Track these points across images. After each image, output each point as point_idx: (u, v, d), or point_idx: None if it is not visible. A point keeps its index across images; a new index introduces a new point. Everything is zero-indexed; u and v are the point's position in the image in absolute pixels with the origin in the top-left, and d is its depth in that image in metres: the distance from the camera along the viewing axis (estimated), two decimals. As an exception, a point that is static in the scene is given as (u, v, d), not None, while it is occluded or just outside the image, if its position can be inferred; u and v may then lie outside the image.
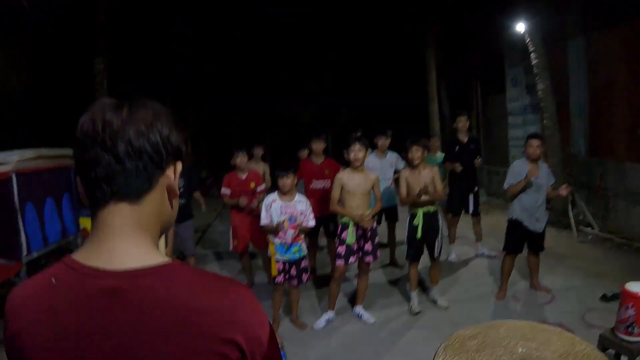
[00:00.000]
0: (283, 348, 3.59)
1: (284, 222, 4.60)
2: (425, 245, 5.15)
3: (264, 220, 4.67)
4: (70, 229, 5.69)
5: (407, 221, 5.16)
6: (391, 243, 6.78)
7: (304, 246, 4.79)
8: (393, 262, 6.70)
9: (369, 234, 4.88)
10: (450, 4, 11.23)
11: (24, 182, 4.81)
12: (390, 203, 6.42)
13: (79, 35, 8.23)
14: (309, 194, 5.89)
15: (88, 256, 0.90)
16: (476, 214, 6.85)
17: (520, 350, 2.06)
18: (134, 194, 0.91)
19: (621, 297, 3.24)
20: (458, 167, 6.55)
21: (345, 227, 4.84)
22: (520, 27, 8.30)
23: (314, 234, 6.16)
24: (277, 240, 4.67)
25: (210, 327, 0.85)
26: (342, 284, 5.84)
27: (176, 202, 1.04)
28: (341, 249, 4.84)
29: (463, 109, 7.13)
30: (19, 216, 4.70)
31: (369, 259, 4.92)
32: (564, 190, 5.08)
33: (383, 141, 6.39)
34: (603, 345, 3.39)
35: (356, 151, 4.74)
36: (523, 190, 5.07)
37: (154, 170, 0.92)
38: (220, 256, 7.52)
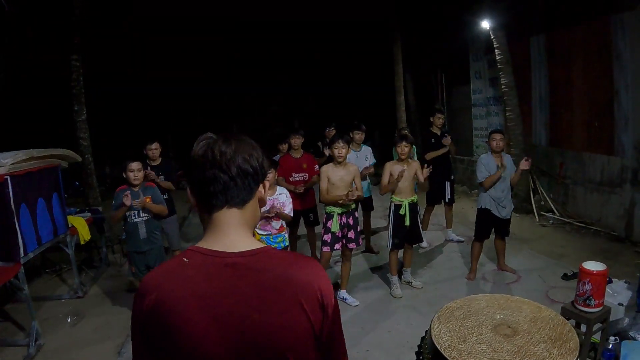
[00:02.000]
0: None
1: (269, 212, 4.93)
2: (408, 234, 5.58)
3: None
4: (61, 227, 5.77)
5: (391, 212, 5.56)
6: (367, 231, 7.22)
7: (286, 236, 5.14)
8: (369, 249, 7.14)
9: (352, 222, 5.29)
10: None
11: (18, 183, 4.83)
12: (367, 194, 6.83)
13: (55, 32, 8.27)
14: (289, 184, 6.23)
15: (211, 244, 1.29)
16: (451, 202, 7.39)
17: (498, 316, 2.50)
18: (241, 202, 1.31)
19: (579, 275, 3.72)
20: (448, 141, 7.07)
21: (330, 216, 5.24)
22: (485, 24, 8.80)
23: (294, 223, 6.53)
24: (262, 232, 5.00)
25: (305, 285, 1.26)
26: (328, 269, 6.31)
27: (262, 207, 1.43)
28: (327, 237, 5.25)
29: (438, 105, 7.65)
30: (15, 218, 4.73)
31: (352, 245, 5.36)
32: (524, 164, 5.50)
33: (360, 135, 6.78)
34: (565, 316, 3.90)
35: (340, 148, 5.15)
36: (496, 181, 5.55)
37: (254, 186, 1.33)
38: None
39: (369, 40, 14.85)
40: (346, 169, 5.26)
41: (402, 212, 5.46)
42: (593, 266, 3.68)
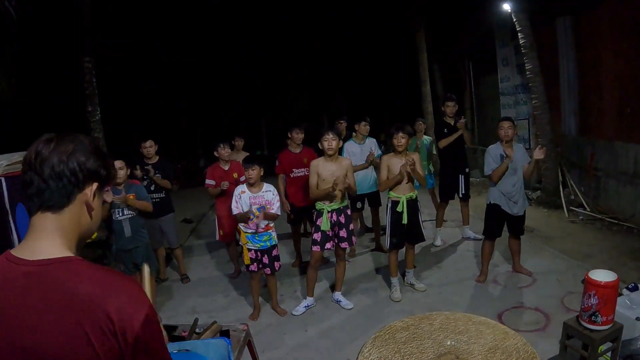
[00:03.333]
0: (250, 337, 3.57)
1: (253, 211, 4.57)
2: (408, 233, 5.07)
3: (234, 210, 4.67)
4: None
5: (389, 209, 5.07)
6: (376, 228, 6.70)
7: (274, 235, 4.78)
8: (379, 248, 6.64)
9: (344, 220, 4.85)
10: None
11: (14, 184, 4.79)
12: (372, 188, 6.36)
13: (66, 36, 8.21)
14: (290, 182, 5.88)
15: (19, 250, 1.20)
16: (466, 197, 6.74)
17: (448, 343, 2.00)
18: (56, 207, 1.21)
19: (584, 286, 3.13)
20: (462, 123, 6.45)
21: (320, 214, 4.82)
22: (507, 7, 8.07)
23: (297, 221, 6.14)
24: (248, 230, 4.65)
25: (90, 305, 1.09)
26: (327, 269, 5.84)
27: (96, 214, 1.30)
28: (317, 236, 4.83)
29: (452, 93, 6.93)
30: (11, 218, 4.69)
31: (344, 245, 4.92)
32: (538, 153, 4.85)
33: (363, 127, 6.28)
34: (567, 333, 3.29)
35: (329, 140, 4.71)
36: (504, 173, 4.94)
37: (72, 189, 1.21)
38: (212, 246, 7.50)
39: (395, 34, 14.20)
40: (338, 163, 4.82)
41: (399, 209, 4.96)
42: (601, 276, 3.10)
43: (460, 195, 6.70)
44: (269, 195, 4.69)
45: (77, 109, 8.24)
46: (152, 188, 5.76)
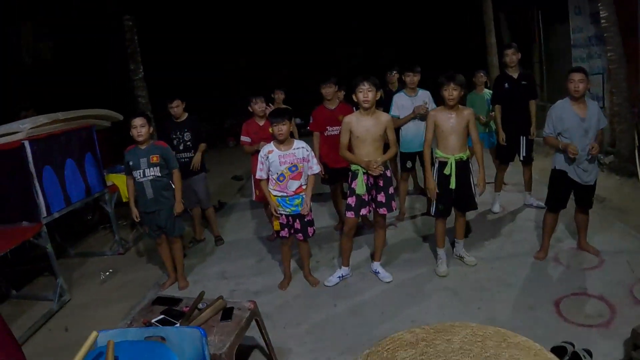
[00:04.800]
0: (259, 316, 3.10)
1: (283, 171, 4.11)
2: (456, 198, 4.38)
3: (259, 173, 4.21)
4: (95, 186, 5.55)
5: (435, 170, 4.37)
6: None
7: (306, 198, 4.25)
8: (429, 212, 5.90)
9: (382, 183, 4.24)
10: None
11: (40, 147, 4.72)
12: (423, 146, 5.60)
13: None
14: (323, 141, 5.34)
15: None
16: (528, 160, 5.82)
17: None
18: None
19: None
20: (496, 115, 5.61)
21: (355, 175, 4.22)
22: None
23: (336, 182, 5.54)
24: (277, 192, 4.18)
25: None
26: (371, 235, 5.20)
27: None
28: (351, 200, 4.26)
29: (514, 41, 5.90)
30: (36, 181, 4.62)
31: (382, 210, 4.31)
32: (593, 148, 4.02)
33: (411, 77, 5.52)
34: (635, 342, 2.51)
35: (365, 91, 4.03)
36: (564, 149, 4.10)
37: None
38: (255, 205, 7.06)
39: None
40: (375, 118, 4.16)
41: (446, 171, 4.25)
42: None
43: (521, 158, 5.80)
44: (302, 152, 4.17)
45: (120, 67, 8.01)
46: (181, 147, 5.44)
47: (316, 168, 4.28)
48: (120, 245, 5.88)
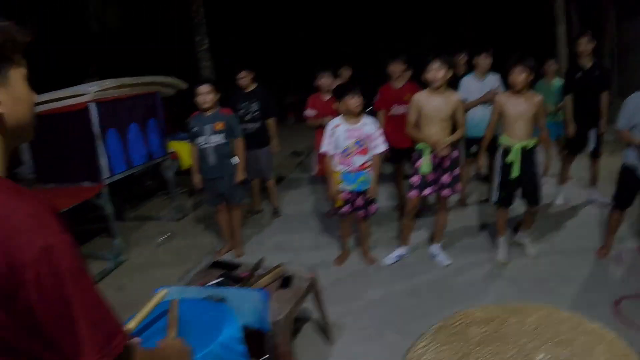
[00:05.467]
0: (317, 287, 3.09)
1: (350, 145, 4.03)
2: (520, 188, 4.17)
3: (325, 147, 4.13)
4: (157, 152, 5.67)
5: (498, 156, 4.17)
6: (492, 176, 5.72)
7: (372, 175, 4.16)
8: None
9: (448, 163, 4.08)
10: None
11: (105, 110, 4.84)
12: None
13: None
14: (387, 120, 5.18)
15: None
16: (596, 155, 5.48)
17: (540, 356, 1.28)
18: None
19: None
20: (567, 105, 5.28)
21: (420, 154, 4.10)
22: None
23: (399, 161, 5.43)
24: (342, 167, 4.10)
25: None
26: (432, 217, 5.08)
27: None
28: (415, 179, 4.14)
29: (587, 29, 5.48)
30: (100, 143, 4.76)
31: (446, 192, 4.16)
32: None
33: (483, 60, 5.28)
34: None
35: (435, 70, 3.88)
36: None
37: None
38: (315, 181, 7.05)
39: None
40: (445, 97, 4.00)
41: (509, 159, 4.03)
42: None
43: (590, 152, 5.47)
44: (369, 128, 4.07)
45: (185, 37, 8.15)
46: (248, 117, 5.42)
47: (381, 147, 4.15)
48: (177, 212, 6.02)
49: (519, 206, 4.53)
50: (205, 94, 4.33)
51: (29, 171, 5.21)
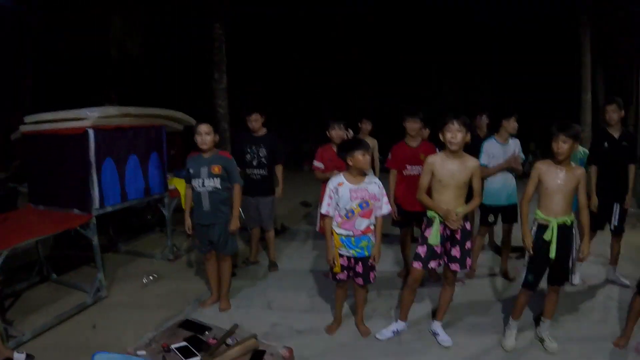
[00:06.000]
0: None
1: (354, 207, 3.72)
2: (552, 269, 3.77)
3: (325, 208, 3.82)
4: (155, 187, 5.46)
5: (533, 234, 3.76)
6: (505, 249, 5.37)
7: (373, 240, 3.83)
8: (504, 274, 5.32)
9: (459, 236, 3.74)
10: None
11: (104, 138, 4.70)
12: (511, 200, 5.09)
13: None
14: (400, 180, 4.90)
15: None
16: (619, 231, 5.09)
17: None
18: None
19: None
20: (591, 176, 4.92)
21: (430, 223, 3.77)
22: None
23: (407, 225, 5.11)
24: (342, 231, 3.77)
25: None
26: (436, 287, 4.68)
27: None
28: (421, 249, 3.78)
29: (615, 98, 5.23)
30: (94, 171, 4.60)
31: (455, 267, 3.79)
32: None
33: (512, 122, 5.02)
34: None
35: (454, 131, 3.60)
36: None
37: None
38: (318, 235, 6.74)
39: (553, 27, 12.21)
40: (462, 162, 3.70)
41: (547, 237, 3.64)
42: None
43: (612, 228, 5.08)
44: (374, 188, 3.77)
45: (203, 73, 8.12)
46: (255, 163, 5.21)
47: (385, 209, 3.85)
48: (171, 252, 5.76)
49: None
50: (205, 134, 4.13)
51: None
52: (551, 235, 3.60)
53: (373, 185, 3.76)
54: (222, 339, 2.72)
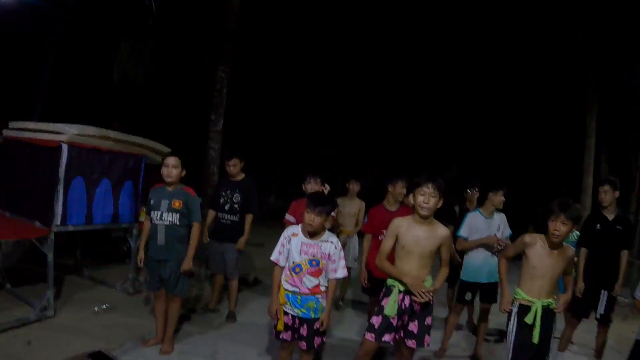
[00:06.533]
0: None
1: (302, 262, 3.46)
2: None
3: (275, 255, 3.57)
4: (125, 216, 5.32)
5: (513, 317, 3.48)
6: (481, 330, 4.96)
7: (322, 302, 3.53)
8: (476, 357, 4.91)
9: (419, 309, 3.41)
10: (620, 58, 9.21)
11: (79, 155, 4.65)
12: (491, 278, 4.72)
13: (204, 38, 8.20)
14: (374, 246, 4.59)
15: None
16: (605, 320, 4.78)
17: None
18: None
19: None
20: (580, 259, 4.66)
21: (388, 291, 3.46)
22: None
23: (377, 293, 4.80)
24: (289, 287, 3.49)
25: None
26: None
27: None
28: (375, 320, 3.45)
29: (610, 179, 5.01)
30: (61, 186, 4.51)
31: (411, 343, 3.43)
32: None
33: (498, 196, 4.80)
34: None
35: (427, 194, 3.35)
36: None
37: None
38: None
39: (558, 108, 12.39)
40: (431, 229, 3.44)
41: (529, 320, 3.35)
42: None
43: (598, 316, 4.76)
44: (329, 247, 3.49)
45: (202, 112, 8.17)
46: (227, 207, 5.05)
47: (341, 273, 3.56)
48: (132, 285, 5.52)
49: None
50: (172, 167, 4.02)
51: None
52: (534, 318, 3.33)
53: (328, 245, 3.50)
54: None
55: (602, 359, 4.84)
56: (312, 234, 3.50)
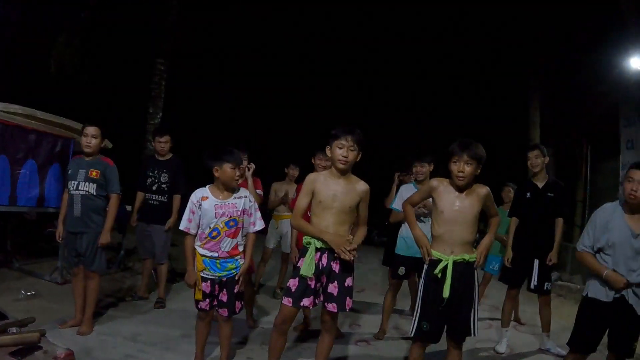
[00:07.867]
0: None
1: (219, 225, 3.39)
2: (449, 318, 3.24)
3: (184, 224, 3.45)
4: (52, 200, 5.19)
5: (423, 274, 3.33)
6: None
7: (241, 263, 3.46)
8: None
9: (337, 268, 3.23)
10: (561, 51, 9.54)
11: (2, 132, 4.54)
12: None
13: (142, 30, 8.20)
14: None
15: None
16: (543, 291, 4.58)
17: None
18: None
19: None
20: (510, 227, 4.71)
21: (304, 250, 3.27)
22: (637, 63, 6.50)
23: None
24: (206, 252, 3.39)
25: None
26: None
27: None
28: (292, 283, 3.25)
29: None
30: None
31: (331, 307, 3.23)
32: None
33: (419, 168, 4.75)
34: None
35: (346, 148, 3.18)
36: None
37: None
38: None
39: (502, 99, 12.68)
40: (349, 183, 3.30)
41: (437, 272, 3.16)
42: None
43: (532, 287, 4.59)
44: (243, 203, 3.45)
45: (138, 105, 8.10)
46: (154, 188, 4.97)
47: (259, 224, 3.54)
48: (60, 275, 5.33)
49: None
50: (91, 137, 3.96)
51: None
52: (446, 272, 3.12)
53: (243, 200, 3.46)
54: (4, 325, 2.40)
55: (549, 331, 4.67)
56: (224, 193, 3.44)
